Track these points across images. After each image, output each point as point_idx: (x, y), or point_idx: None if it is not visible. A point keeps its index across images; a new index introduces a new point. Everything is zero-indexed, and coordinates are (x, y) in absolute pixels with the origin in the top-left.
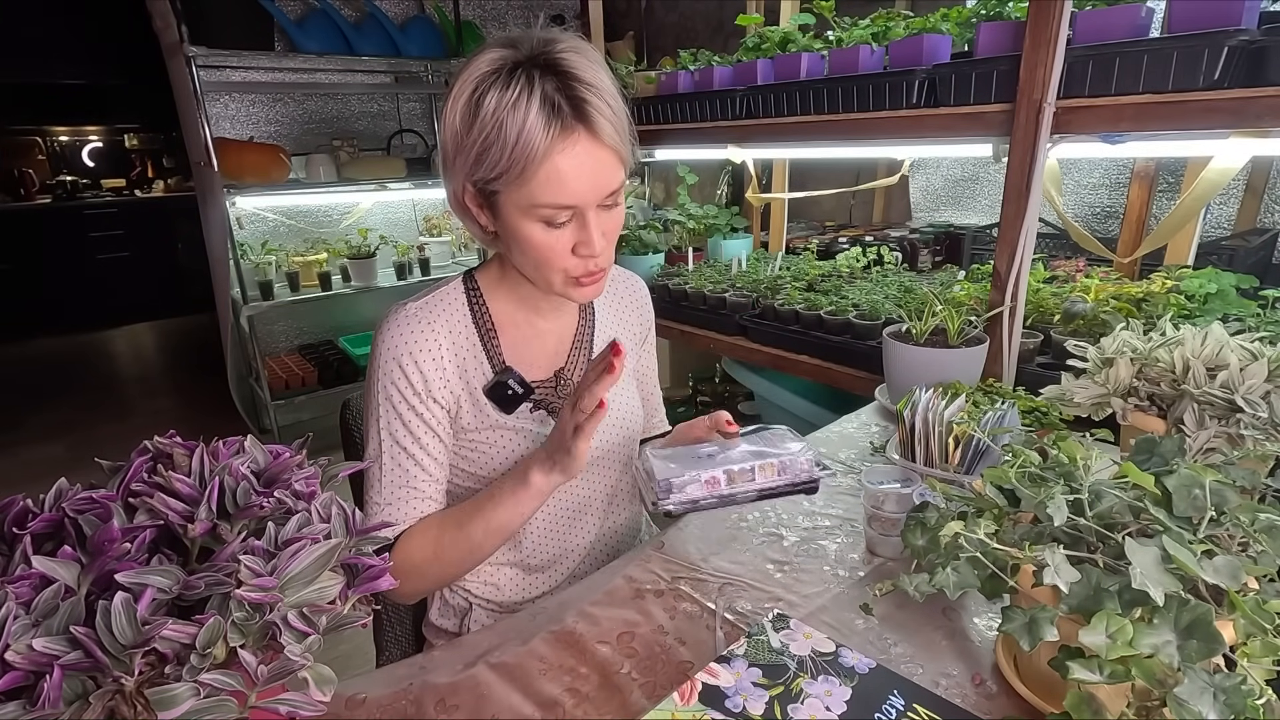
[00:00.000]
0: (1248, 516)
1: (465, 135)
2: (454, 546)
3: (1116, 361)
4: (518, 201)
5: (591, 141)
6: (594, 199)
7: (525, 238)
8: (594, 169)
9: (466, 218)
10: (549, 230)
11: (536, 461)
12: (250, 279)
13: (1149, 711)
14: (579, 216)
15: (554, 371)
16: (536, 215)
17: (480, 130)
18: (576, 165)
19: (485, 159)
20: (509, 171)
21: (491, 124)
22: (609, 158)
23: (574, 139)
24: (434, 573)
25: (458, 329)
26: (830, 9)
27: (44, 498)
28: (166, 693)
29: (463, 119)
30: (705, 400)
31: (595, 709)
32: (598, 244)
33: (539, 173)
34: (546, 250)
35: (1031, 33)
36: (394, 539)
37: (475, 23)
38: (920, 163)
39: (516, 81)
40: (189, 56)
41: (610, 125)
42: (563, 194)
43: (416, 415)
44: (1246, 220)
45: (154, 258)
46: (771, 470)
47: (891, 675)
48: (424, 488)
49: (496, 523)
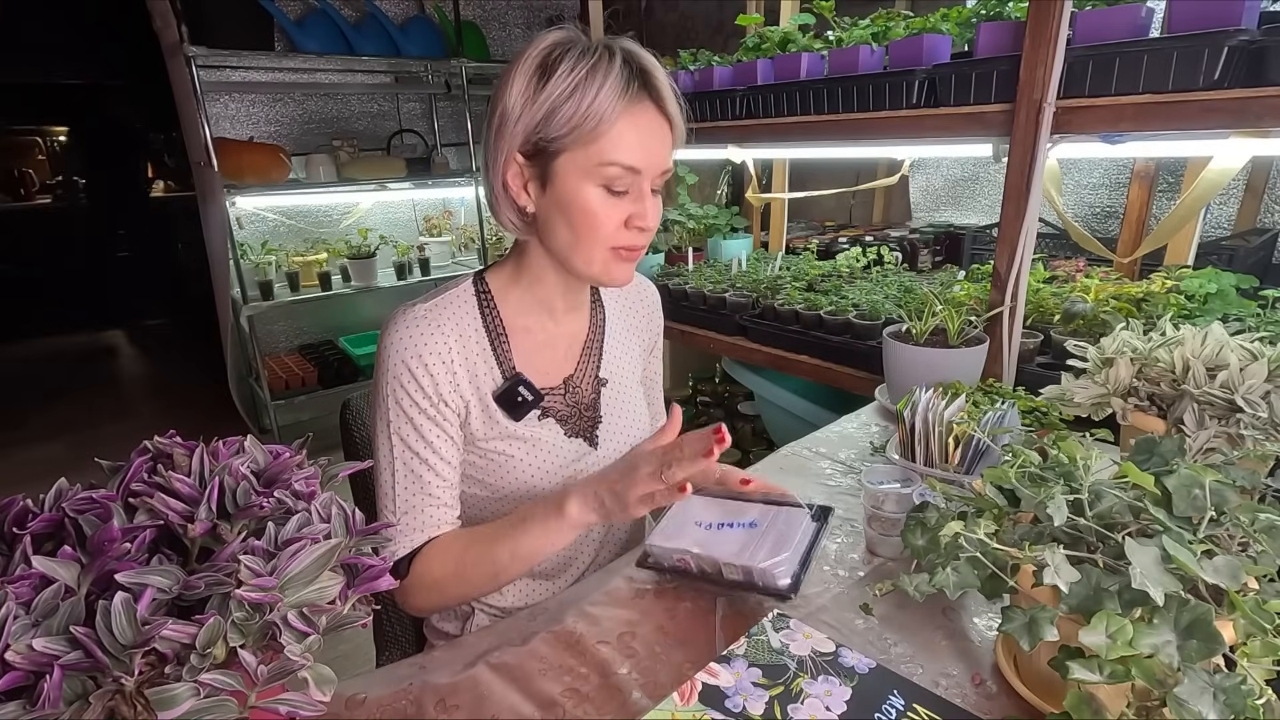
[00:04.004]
0: (1248, 516)
1: (534, 96)
2: (477, 567)
3: (1116, 361)
4: (582, 162)
5: (658, 112)
6: (654, 169)
7: (582, 204)
8: (660, 137)
9: (503, 200)
10: (608, 197)
11: (578, 495)
12: (250, 279)
13: (1149, 711)
14: (637, 186)
15: (563, 379)
16: (600, 176)
17: (554, 88)
18: (646, 131)
19: (556, 116)
20: (580, 127)
21: (567, 83)
22: (668, 131)
23: (644, 106)
24: (454, 591)
25: (467, 332)
26: (830, 9)
27: (44, 498)
28: (166, 693)
29: (534, 79)
30: (705, 400)
31: (595, 709)
32: (650, 216)
33: (612, 129)
34: (601, 218)
35: (1031, 33)
36: (413, 550)
37: (475, 23)
38: (920, 163)
39: (594, 50)
40: (189, 56)
41: (672, 101)
42: (632, 154)
43: (427, 418)
44: (1246, 220)
45: (154, 258)
46: (737, 572)
47: (891, 675)
48: (439, 493)
49: (525, 549)
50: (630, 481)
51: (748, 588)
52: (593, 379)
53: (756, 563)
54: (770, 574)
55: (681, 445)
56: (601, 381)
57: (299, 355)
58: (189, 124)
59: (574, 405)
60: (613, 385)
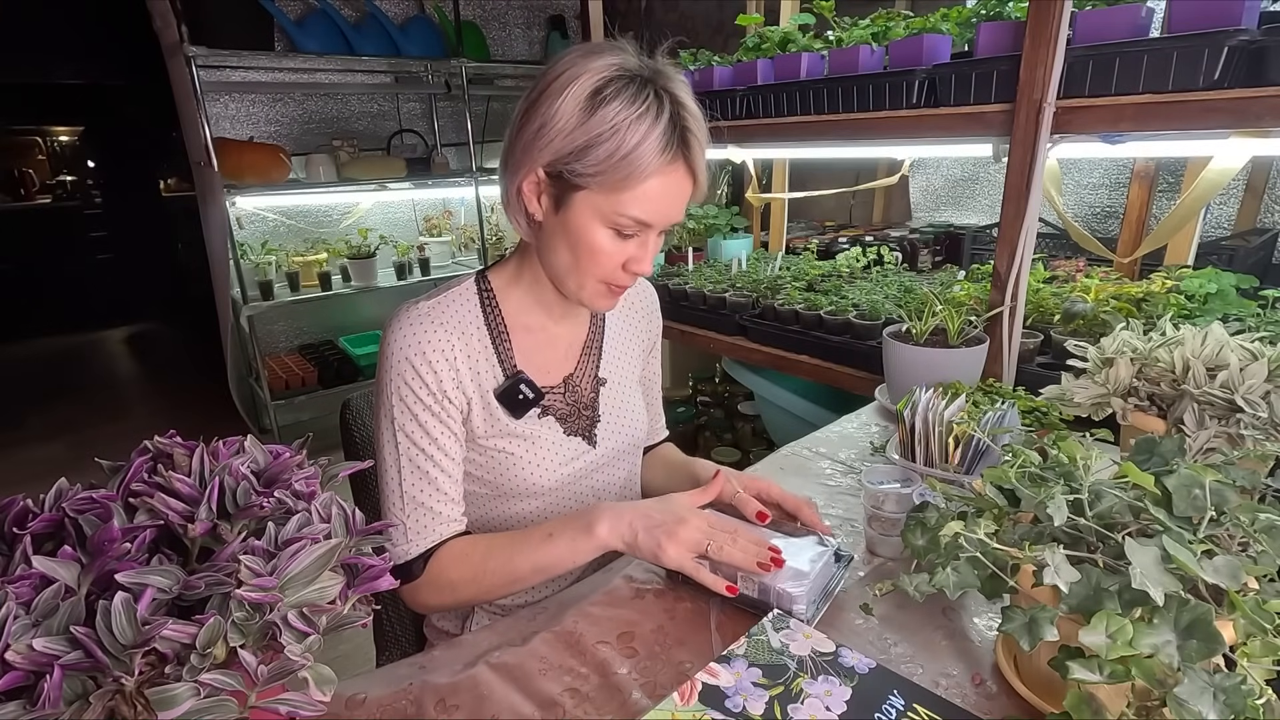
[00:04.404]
0: (1248, 516)
1: (577, 125)
2: (497, 574)
3: (1116, 361)
4: (600, 205)
5: (686, 174)
6: (667, 224)
7: (587, 240)
8: (680, 199)
9: (514, 203)
10: (615, 239)
11: (609, 518)
12: (250, 279)
13: (1149, 711)
14: (644, 234)
15: (563, 378)
16: (612, 222)
17: (597, 125)
18: (671, 192)
19: (590, 154)
20: (609, 173)
21: (610, 125)
22: (691, 189)
23: (676, 167)
24: (468, 594)
25: (470, 330)
26: (830, 9)
27: (44, 498)
28: (166, 693)
29: (580, 109)
30: (705, 400)
31: (595, 709)
32: (649, 264)
33: (639, 186)
34: (602, 256)
35: (1031, 33)
36: (429, 549)
37: (475, 23)
38: (920, 163)
39: (646, 96)
40: (189, 56)
41: (702, 161)
42: (648, 212)
43: (432, 414)
44: (1246, 220)
45: (154, 257)
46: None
47: (891, 675)
48: (447, 489)
49: (546, 561)
50: (670, 533)
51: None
52: (592, 378)
53: (776, 583)
54: (787, 596)
55: (737, 531)
56: (601, 381)
57: (299, 355)
58: (189, 124)
59: (573, 404)
60: (611, 385)
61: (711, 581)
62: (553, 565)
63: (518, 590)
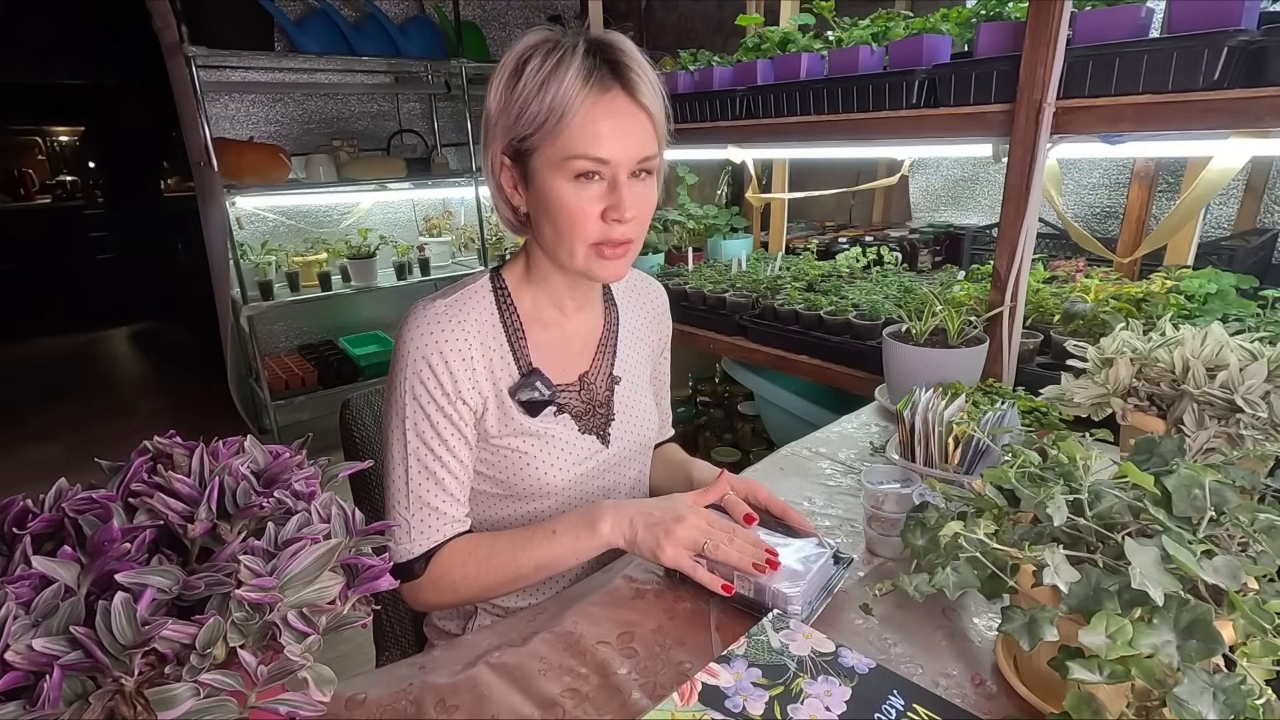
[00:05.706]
0: (1247, 516)
1: (509, 96)
2: (499, 571)
3: (1116, 361)
4: (551, 157)
5: (628, 99)
6: (627, 158)
7: (556, 197)
8: (630, 126)
9: (500, 199)
10: (581, 188)
11: (612, 515)
12: (250, 279)
13: (1149, 711)
14: (612, 178)
15: (578, 375)
16: (569, 170)
17: (523, 88)
18: (612, 119)
19: (524, 114)
20: (546, 122)
21: (534, 82)
22: (644, 119)
23: (611, 95)
24: (471, 593)
25: (486, 328)
26: (830, 9)
27: (44, 498)
28: (166, 693)
29: (507, 82)
30: (705, 400)
31: (595, 709)
32: (628, 207)
33: (574, 122)
34: (575, 210)
35: (1031, 33)
36: (431, 548)
37: (475, 23)
38: (920, 163)
39: (561, 49)
40: (189, 56)
41: (647, 88)
42: (597, 145)
43: (445, 416)
44: (1246, 220)
45: (154, 258)
46: (749, 588)
47: (891, 675)
48: (454, 490)
49: (550, 558)
50: (669, 531)
51: (755, 605)
52: (607, 376)
53: (772, 583)
54: (783, 596)
55: (735, 531)
56: (616, 379)
57: (299, 355)
58: (189, 124)
59: (589, 402)
60: (625, 384)
61: (708, 580)
62: (556, 562)
63: (520, 588)
